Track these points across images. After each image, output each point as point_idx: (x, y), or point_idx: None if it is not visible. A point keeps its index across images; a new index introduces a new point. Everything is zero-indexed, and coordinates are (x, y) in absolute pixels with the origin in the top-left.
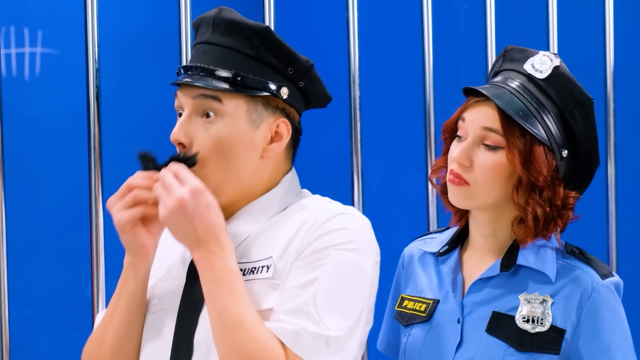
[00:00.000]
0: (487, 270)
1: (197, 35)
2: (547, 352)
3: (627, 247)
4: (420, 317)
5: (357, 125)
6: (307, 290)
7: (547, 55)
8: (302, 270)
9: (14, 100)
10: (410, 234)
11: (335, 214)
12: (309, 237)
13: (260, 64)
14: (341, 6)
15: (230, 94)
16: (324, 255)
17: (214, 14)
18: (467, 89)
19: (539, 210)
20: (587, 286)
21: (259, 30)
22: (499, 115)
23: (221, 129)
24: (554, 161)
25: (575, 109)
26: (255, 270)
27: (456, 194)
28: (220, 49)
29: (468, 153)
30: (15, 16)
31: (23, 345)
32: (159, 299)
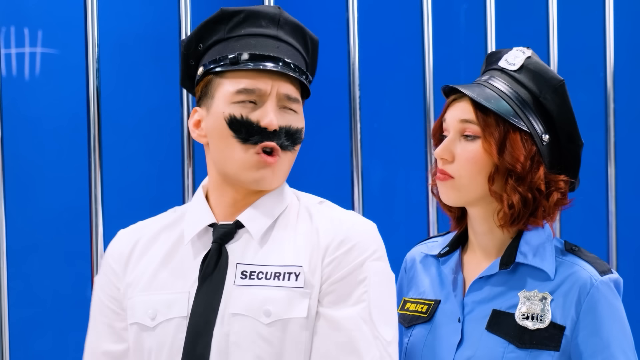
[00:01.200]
0: (487, 269)
1: (249, 25)
2: (547, 349)
3: (627, 247)
4: (422, 318)
5: (357, 126)
6: (358, 310)
7: (520, 49)
8: (346, 288)
9: (13, 100)
10: (411, 234)
11: (351, 224)
12: (336, 252)
13: (307, 67)
14: (341, 6)
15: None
16: (359, 272)
17: (277, 11)
18: (446, 89)
19: (515, 197)
20: (586, 282)
21: (314, 39)
22: (473, 106)
23: (299, 124)
24: (534, 147)
25: (549, 93)
26: (280, 276)
27: (443, 190)
28: (289, 47)
29: (448, 148)
30: (15, 16)
31: (23, 345)
32: (156, 311)
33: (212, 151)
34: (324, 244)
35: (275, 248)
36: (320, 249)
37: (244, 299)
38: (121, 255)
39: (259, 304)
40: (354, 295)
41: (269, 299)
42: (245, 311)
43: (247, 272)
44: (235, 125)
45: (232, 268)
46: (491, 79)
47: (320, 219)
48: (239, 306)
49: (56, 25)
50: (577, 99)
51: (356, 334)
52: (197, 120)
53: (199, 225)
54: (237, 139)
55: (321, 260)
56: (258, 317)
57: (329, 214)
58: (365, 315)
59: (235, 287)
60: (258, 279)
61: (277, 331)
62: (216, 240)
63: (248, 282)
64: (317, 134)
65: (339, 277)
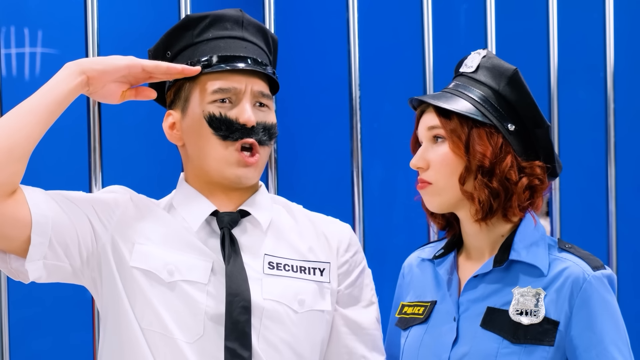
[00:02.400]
0: (481, 267)
1: (216, 29)
2: (541, 344)
3: (627, 247)
4: (418, 319)
5: (357, 126)
6: (372, 312)
7: (476, 52)
8: (356, 290)
9: (14, 100)
10: (411, 234)
11: (347, 227)
12: (346, 255)
13: (272, 65)
14: (341, 7)
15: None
16: (364, 275)
17: (240, 14)
18: (413, 102)
19: (484, 193)
20: (579, 278)
21: (274, 38)
22: (436, 112)
23: (272, 119)
24: (500, 139)
25: (505, 84)
26: (306, 270)
27: (426, 197)
28: (255, 47)
29: (422, 156)
30: (15, 16)
31: (23, 345)
32: (176, 270)
33: (190, 151)
34: (334, 246)
35: (285, 241)
36: (332, 250)
37: (278, 287)
38: (139, 202)
39: (293, 293)
40: (365, 297)
41: (301, 290)
42: (280, 298)
43: (274, 263)
44: (215, 123)
45: (251, 256)
46: (455, 85)
47: (317, 220)
48: (273, 293)
49: (56, 25)
50: (578, 98)
51: (376, 332)
52: (172, 122)
53: (204, 213)
54: (216, 136)
55: (336, 261)
56: (291, 305)
57: (320, 217)
58: (377, 316)
59: (266, 275)
60: (286, 270)
61: (305, 320)
62: (225, 225)
63: (277, 272)
64: (317, 134)
65: (352, 279)
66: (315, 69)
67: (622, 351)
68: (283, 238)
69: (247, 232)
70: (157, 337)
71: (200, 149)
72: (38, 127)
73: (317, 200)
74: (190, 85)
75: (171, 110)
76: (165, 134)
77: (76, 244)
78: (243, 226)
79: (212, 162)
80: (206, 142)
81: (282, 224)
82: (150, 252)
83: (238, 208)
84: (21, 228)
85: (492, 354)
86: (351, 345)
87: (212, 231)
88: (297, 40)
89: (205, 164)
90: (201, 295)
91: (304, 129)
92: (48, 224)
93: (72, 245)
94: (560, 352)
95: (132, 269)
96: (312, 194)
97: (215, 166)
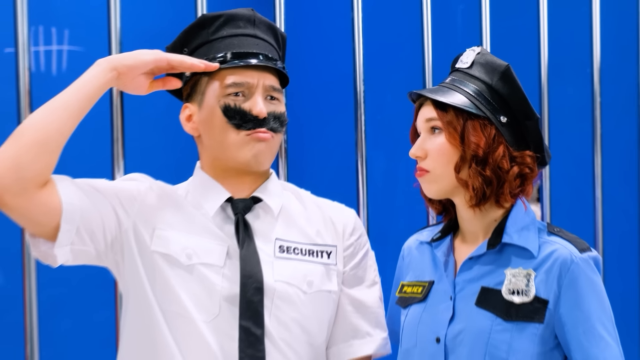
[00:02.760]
0: (476, 250)
1: (230, 27)
2: (532, 321)
3: (612, 230)
4: (417, 298)
5: (361, 118)
6: (375, 292)
7: (471, 49)
8: (360, 271)
9: (43, 94)
10: (412, 219)
11: (352, 212)
12: (351, 239)
13: (281, 58)
14: (347, 8)
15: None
16: (368, 257)
17: (252, 13)
18: (413, 95)
19: (478, 180)
20: (567, 259)
21: (283, 35)
22: (433, 105)
23: (282, 109)
24: (493, 130)
25: (498, 79)
26: (314, 253)
27: (424, 184)
28: (266, 43)
29: (420, 146)
30: (44, 16)
31: (51, 322)
32: (194, 253)
33: (205, 141)
34: (340, 230)
35: (294, 226)
36: (339, 234)
37: (288, 269)
38: (159, 189)
39: (302, 275)
40: (369, 278)
41: (310, 271)
42: (290, 279)
43: (285, 247)
44: (230, 113)
45: (263, 240)
46: (451, 80)
47: (325, 206)
48: (284, 275)
49: (81, 24)
50: (566, 92)
51: (378, 310)
52: (189, 114)
53: (219, 199)
54: (231, 124)
55: (342, 244)
56: (301, 286)
57: (327, 202)
58: (380, 295)
59: (277, 259)
60: (295, 253)
61: (313, 300)
62: (240, 211)
63: (287, 255)
64: (324, 126)
65: (357, 261)
66: (323, 66)
67: (607, 327)
68: (293, 223)
69: (260, 218)
70: (175, 317)
71: (216, 138)
72: (70, 121)
73: (324, 187)
74: (207, 80)
75: (188, 103)
76: (182, 125)
77: (101, 230)
78: (256, 212)
79: (227, 148)
80: (221, 130)
81: (291, 209)
82: (169, 236)
83: (251, 195)
84: (52, 215)
85: (486, 330)
86: (356, 323)
87: (227, 216)
88: (306, 39)
89: (221, 152)
90: (217, 277)
91: (312, 120)
92: (76, 212)
93: (98, 231)
94: (550, 328)
95: (152, 253)
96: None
97: (230, 152)
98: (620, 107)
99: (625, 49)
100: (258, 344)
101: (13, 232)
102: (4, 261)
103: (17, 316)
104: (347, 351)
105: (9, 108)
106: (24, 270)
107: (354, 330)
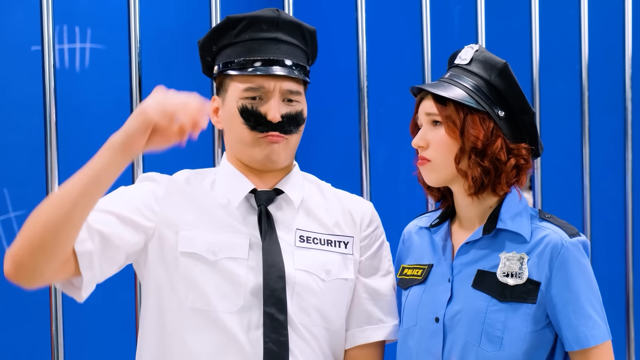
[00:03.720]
0: (472, 235)
1: (252, 31)
2: (525, 302)
3: (599, 216)
4: (417, 280)
5: (365, 111)
6: (389, 280)
7: (469, 46)
8: (375, 261)
9: (66, 89)
10: (412, 207)
11: (369, 205)
12: (368, 230)
13: (308, 57)
14: (351, 8)
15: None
16: (383, 247)
17: (276, 14)
18: (414, 89)
19: (477, 171)
20: (557, 244)
21: (311, 30)
22: (434, 99)
23: (299, 108)
24: (491, 124)
25: (496, 75)
26: (332, 243)
27: (425, 173)
28: (288, 46)
29: (423, 137)
30: (68, 16)
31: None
32: (219, 249)
33: (226, 136)
34: (358, 221)
35: (314, 217)
36: (356, 225)
37: (308, 258)
38: (175, 189)
39: (321, 264)
40: (383, 267)
41: (328, 260)
42: (309, 268)
43: (305, 237)
44: (246, 114)
45: (285, 230)
46: (450, 75)
47: (345, 198)
48: (304, 264)
49: (103, 23)
50: (556, 88)
51: (391, 299)
52: (216, 107)
53: (244, 191)
54: (246, 125)
55: (359, 234)
56: (319, 274)
57: (347, 194)
58: (393, 284)
59: (297, 248)
60: (314, 243)
61: (331, 287)
62: (263, 202)
63: (307, 245)
64: (329, 118)
65: (372, 252)
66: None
67: (595, 307)
68: (313, 214)
69: (282, 209)
70: (199, 313)
71: (234, 136)
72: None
73: (330, 176)
74: (229, 80)
75: (216, 96)
76: (210, 117)
77: (123, 253)
78: (278, 203)
79: (243, 147)
80: (238, 130)
81: (312, 201)
82: (194, 236)
83: (274, 187)
84: (70, 268)
85: (482, 310)
86: (370, 310)
87: (250, 207)
88: None
89: (237, 149)
90: (242, 269)
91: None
92: (94, 260)
93: (119, 256)
94: (542, 309)
95: (179, 253)
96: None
97: (245, 151)
98: (607, 101)
99: (612, 47)
100: (281, 329)
101: None
102: None
103: (43, 296)
104: (361, 335)
105: (36, 102)
106: None
107: (367, 317)
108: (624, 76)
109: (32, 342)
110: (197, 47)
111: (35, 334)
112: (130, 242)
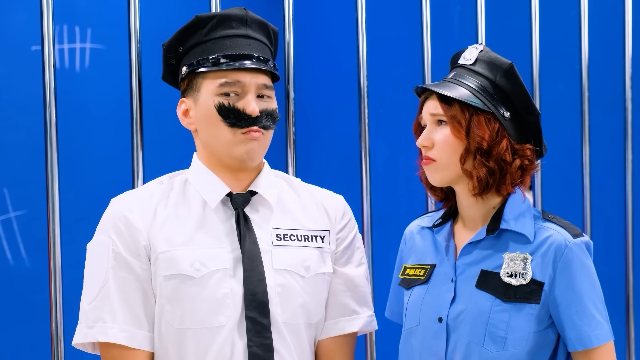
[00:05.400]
0: (476, 235)
1: (223, 28)
2: (528, 302)
3: (599, 216)
4: (420, 280)
5: (365, 111)
6: (362, 271)
7: (473, 46)
8: (349, 252)
9: (67, 89)
10: (412, 206)
11: (341, 199)
12: (342, 222)
13: (272, 56)
14: (351, 8)
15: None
16: (356, 239)
17: (244, 12)
18: (418, 89)
19: (482, 171)
20: (561, 244)
21: (275, 30)
22: (439, 99)
23: (274, 106)
24: (497, 124)
25: (502, 76)
26: (308, 238)
27: (429, 173)
28: (257, 42)
29: (427, 136)
30: (67, 16)
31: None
32: (201, 264)
33: (201, 137)
34: (332, 214)
35: (289, 214)
36: (331, 218)
37: (286, 256)
38: (144, 214)
39: (299, 261)
40: (356, 258)
41: (306, 256)
42: (288, 266)
43: (281, 235)
44: (224, 112)
45: (261, 230)
46: (455, 75)
47: (317, 193)
48: (283, 263)
49: (103, 23)
50: (556, 88)
51: (365, 289)
52: (185, 109)
53: (220, 194)
54: (225, 123)
55: (334, 227)
56: (299, 272)
57: (317, 189)
58: (367, 274)
59: (274, 247)
60: (291, 240)
61: (311, 283)
62: (239, 206)
63: (284, 242)
64: (330, 118)
65: (347, 243)
66: (330, 63)
67: (598, 307)
68: (287, 211)
69: (258, 210)
70: (193, 332)
71: (211, 135)
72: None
73: (331, 176)
74: (202, 78)
75: (184, 98)
76: (179, 119)
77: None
78: (253, 205)
79: (222, 146)
80: (216, 128)
81: (285, 197)
82: (175, 256)
83: (247, 189)
84: None
85: (486, 311)
86: (344, 301)
87: (227, 208)
88: (314, 39)
89: (216, 148)
90: (226, 279)
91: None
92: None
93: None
94: (545, 309)
95: (162, 277)
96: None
97: (224, 149)
98: (607, 101)
99: (612, 47)
100: (265, 332)
101: (39, 215)
102: (31, 244)
103: (43, 296)
104: (335, 327)
105: (36, 102)
106: (49, 253)
107: (342, 309)
108: (624, 76)
109: (32, 342)
110: (162, 51)
111: (35, 334)
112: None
